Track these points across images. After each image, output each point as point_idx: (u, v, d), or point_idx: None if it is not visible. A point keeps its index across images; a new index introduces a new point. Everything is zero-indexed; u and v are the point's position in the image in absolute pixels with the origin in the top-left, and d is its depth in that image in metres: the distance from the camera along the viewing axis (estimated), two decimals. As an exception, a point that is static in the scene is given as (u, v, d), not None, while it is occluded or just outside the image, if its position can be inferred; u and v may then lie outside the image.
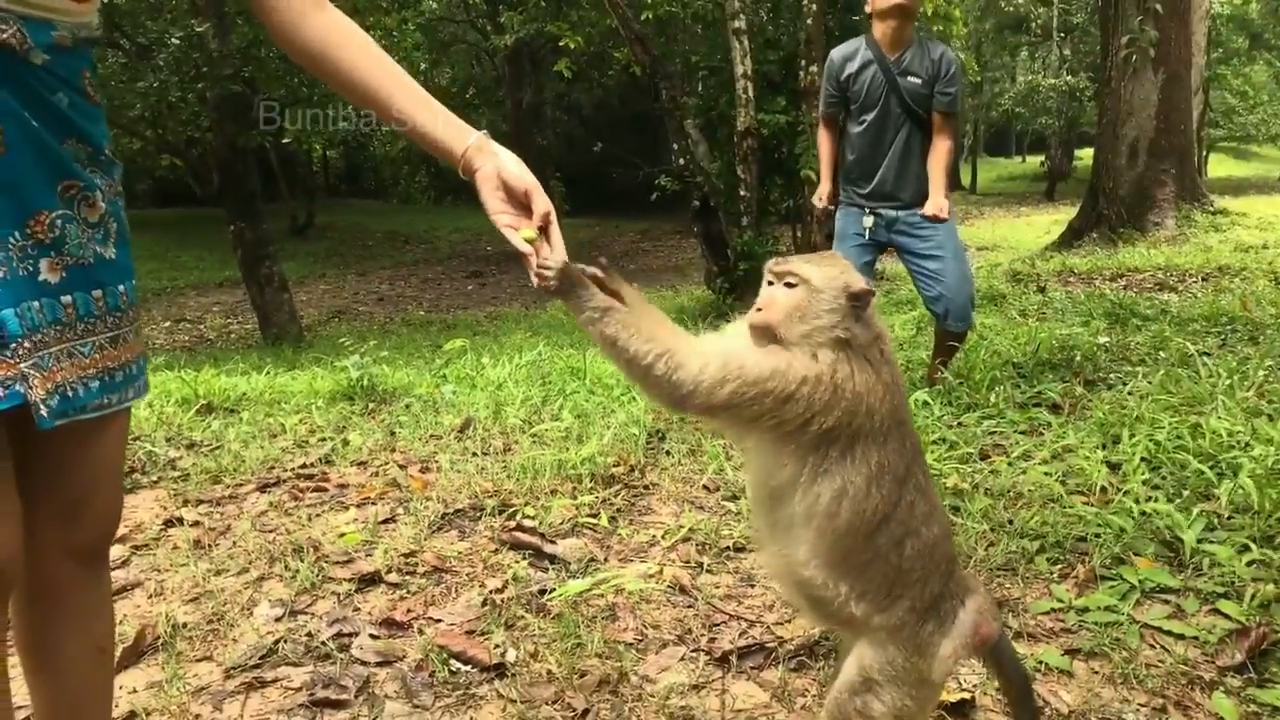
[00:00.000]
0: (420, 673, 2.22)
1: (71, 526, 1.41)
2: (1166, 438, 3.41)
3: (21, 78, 1.21)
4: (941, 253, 4.33)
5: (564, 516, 3.04)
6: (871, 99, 4.40)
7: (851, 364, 1.49)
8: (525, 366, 5.91)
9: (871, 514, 1.48)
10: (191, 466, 3.83)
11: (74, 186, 1.30)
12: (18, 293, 1.20)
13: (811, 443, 1.47)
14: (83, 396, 1.30)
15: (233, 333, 13.75)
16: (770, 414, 1.45)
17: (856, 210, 4.50)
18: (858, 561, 1.52)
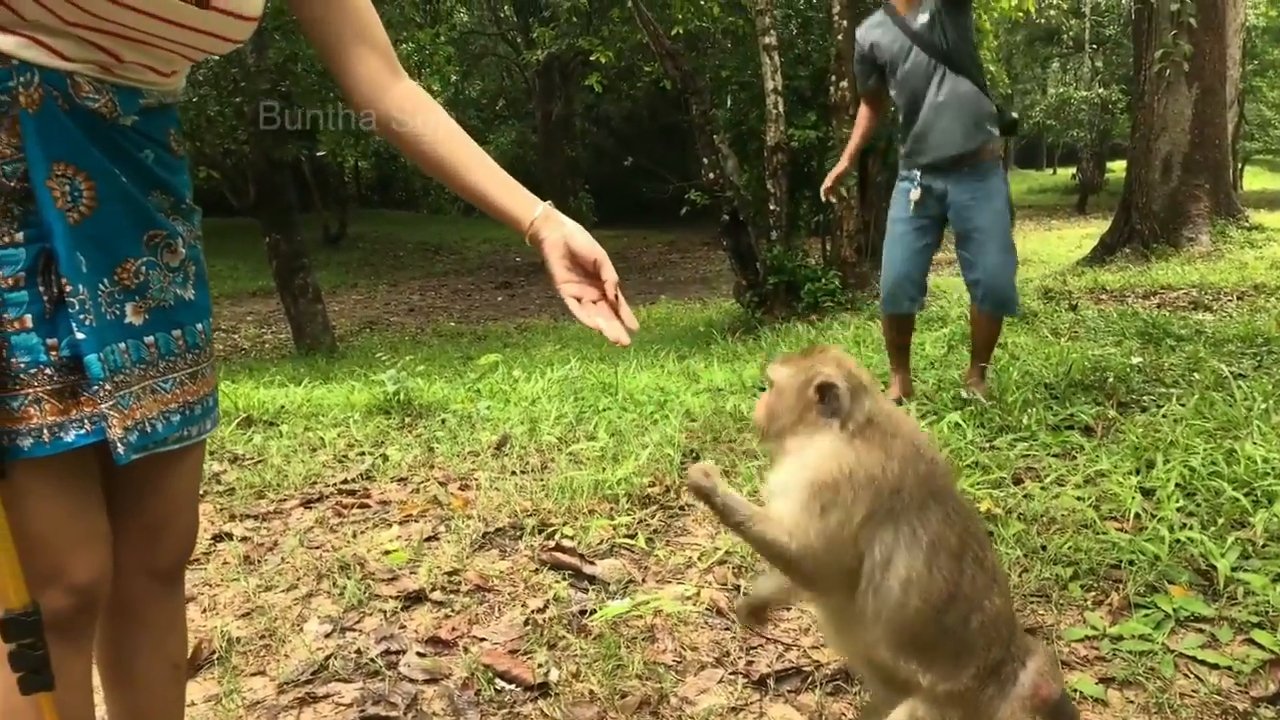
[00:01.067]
0: (466, 691, 2.29)
1: (151, 548, 1.50)
2: (1201, 464, 3.42)
3: (112, 138, 1.30)
4: (982, 234, 4.35)
5: (602, 537, 3.10)
6: (895, 57, 4.45)
7: (857, 444, 1.54)
8: (558, 382, 5.99)
9: (938, 596, 1.52)
10: (236, 480, 3.93)
11: (158, 235, 1.39)
12: (103, 337, 1.29)
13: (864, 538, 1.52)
14: (162, 431, 1.38)
15: (266, 342, 13.95)
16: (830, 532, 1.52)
17: (905, 185, 4.53)
18: (927, 641, 1.55)
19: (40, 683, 1.26)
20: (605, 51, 13.01)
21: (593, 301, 1.47)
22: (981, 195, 4.41)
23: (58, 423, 1.24)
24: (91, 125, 1.27)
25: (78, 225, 1.26)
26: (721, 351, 8.21)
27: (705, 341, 9.75)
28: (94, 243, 1.28)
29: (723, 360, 7.46)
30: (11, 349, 1.22)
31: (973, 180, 4.41)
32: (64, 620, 1.32)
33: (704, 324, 11.89)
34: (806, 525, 1.53)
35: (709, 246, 21.01)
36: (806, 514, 1.53)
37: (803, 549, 1.53)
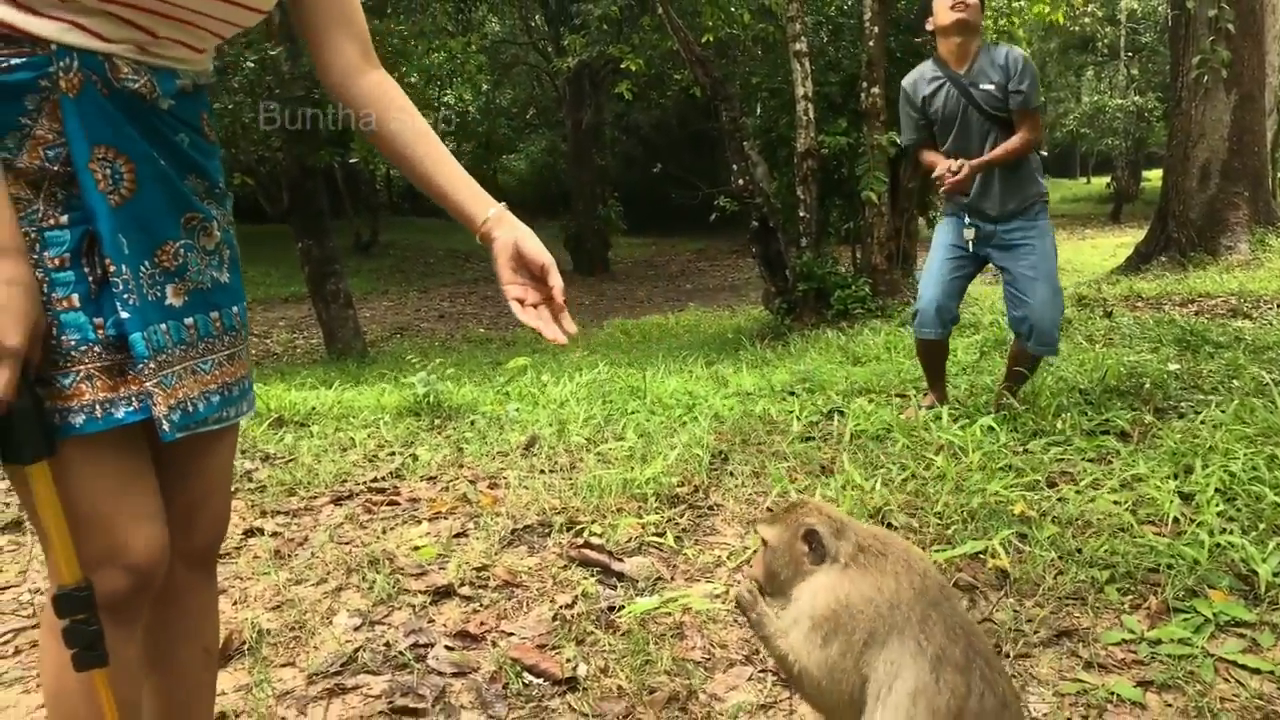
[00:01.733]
0: (494, 684, 2.28)
1: (188, 532, 1.51)
2: (1241, 469, 3.35)
3: (149, 121, 1.33)
4: (1033, 272, 4.32)
5: (630, 535, 3.09)
6: (950, 115, 4.42)
7: (850, 573, 1.63)
8: (586, 385, 5.99)
9: (942, 710, 1.51)
10: (267, 478, 3.96)
11: (195, 218, 1.41)
12: (146, 316, 1.31)
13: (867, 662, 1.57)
14: (203, 411, 1.40)
15: (298, 347, 14.08)
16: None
17: (957, 220, 4.50)
18: None
19: (94, 659, 1.27)
20: (636, 59, 13.05)
21: (534, 305, 1.51)
22: (1033, 235, 4.41)
23: (109, 399, 1.26)
24: (131, 108, 1.29)
25: (119, 207, 1.28)
26: (750, 358, 8.18)
27: (734, 348, 9.73)
28: (135, 224, 1.30)
29: (751, 366, 7.43)
30: (62, 327, 1.24)
31: (1022, 221, 4.41)
32: (120, 601, 1.33)
33: (732, 331, 11.88)
34: (809, 656, 1.61)
35: (738, 254, 20.98)
36: (809, 645, 1.61)
37: (808, 678, 1.61)
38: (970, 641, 1.58)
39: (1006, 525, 3.02)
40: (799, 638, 1.62)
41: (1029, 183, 4.44)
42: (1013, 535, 2.99)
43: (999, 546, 2.86)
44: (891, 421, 4.27)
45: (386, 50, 13.08)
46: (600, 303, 17.49)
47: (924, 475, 3.54)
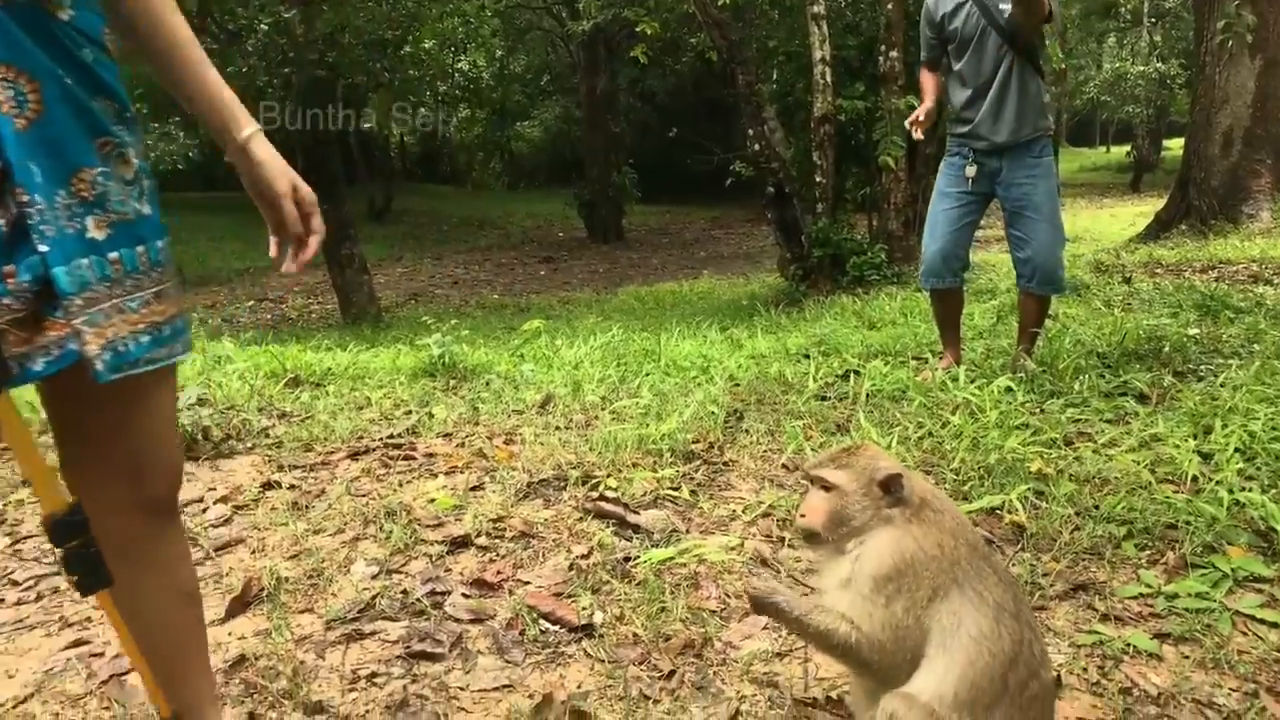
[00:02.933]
0: (511, 631, 2.30)
1: (138, 481, 1.46)
2: (1262, 429, 3.33)
3: (51, 33, 1.24)
4: (1036, 214, 4.31)
5: (645, 489, 3.09)
6: (968, 36, 4.37)
7: (914, 529, 1.62)
8: (601, 348, 5.99)
9: (1004, 654, 1.55)
10: (284, 435, 3.98)
11: (109, 143, 1.33)
12: (66, 250, 1.24)
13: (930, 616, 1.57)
14: (134, 351, 1.33)
15: (313, 312, 14.13)
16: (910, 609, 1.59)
17: (959, 160, 4.47)
18: (988, 701, 1.54)
19: (98, 581, 1.27)
20: (651, 22, 12.90)
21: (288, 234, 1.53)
22: (1037, 173, 4.38)
23: (24, 353, 1.20)
24: (31, 21, 1.22)
25: (26, 131, 1.20)
26: (765, 323, 8.15)
27: (749, 314, 9.69)
28: (46, 149, 1.23)
29: (766, 331, 7.41)
30: None
31: (1028, 158, 4.38)
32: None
33: (747, 298, 11.83)
34: (871, 619, 1.58)
35: (753, 222, 20.87)
36: (870, 605, 1.58)
37: (868, 640, 1.58)
38: (1017, 593, 1.62)
39: (1023, 482, 3.01)
40: (855, 601, 1.59)
41: (1039, 112, 4.40)
42: (1029, 492, 2.98)
43: (1016, 502, 2.85)
44: (907, 382, 4.25)
45: (400, 16, 13.01)
46: (614, 270, 17.45)
47: (940, 434, 3.53)
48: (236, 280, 17.64)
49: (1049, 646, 2.20)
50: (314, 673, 2.15)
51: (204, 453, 3.73)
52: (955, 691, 1.54)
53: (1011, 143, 4.35)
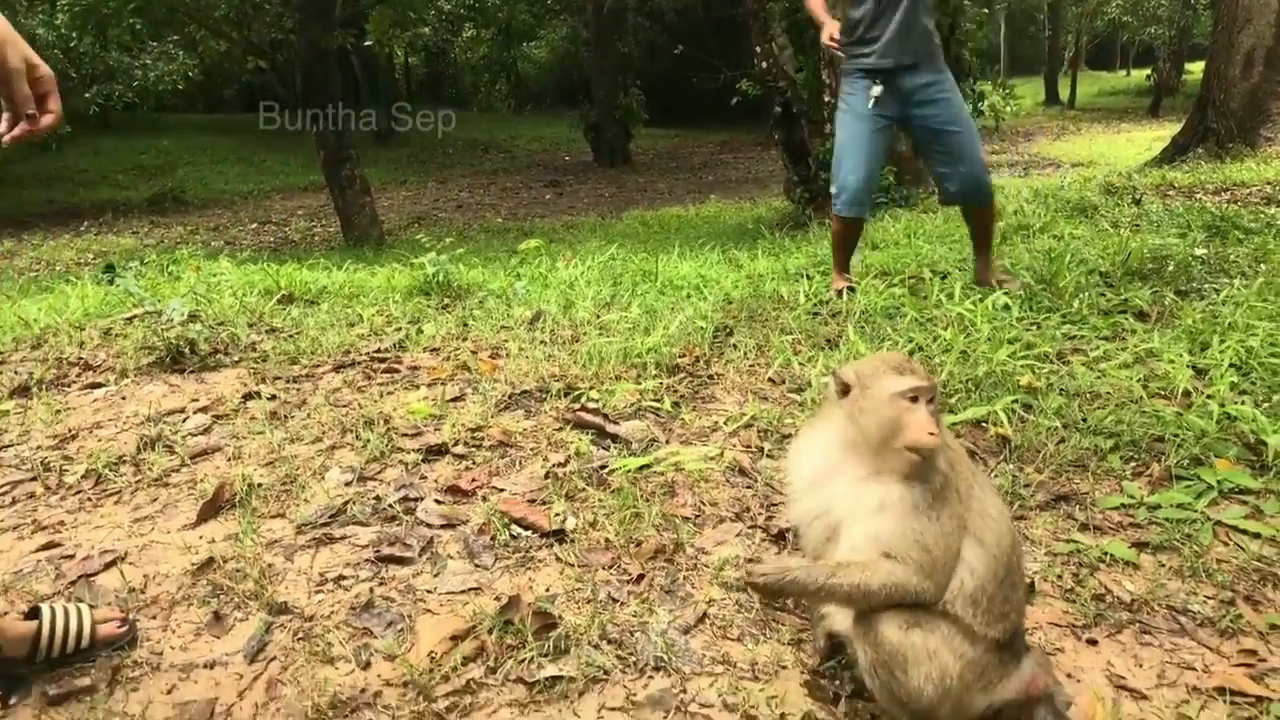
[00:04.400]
0: (482, 536, 2.28)
1: None
2: (1260, 344, 3.26)
3: None
4: (957, 126, 4.21)
5: (628, 401, 3.06)
6: None
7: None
8: (598, 267, 5.91)
9: (1010, 532, 1.58)
10: (271, 349, 3.94)
11: None
12: None
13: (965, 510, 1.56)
14: None
15: (316, 235, 14.03)
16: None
17: (863, 83, 4.30)
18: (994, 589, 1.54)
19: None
20: (658, -64, 12.52)
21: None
22: (946, 87, 4.26)
23: None
24: None
25: None
26: (767, 245, 8.04)
27: (752, 238, 9.56)
28: None
29: (767, 253, 7.30)
30: None
31: (935, 74, 4.25)
32: None
33: (752, 221, 11.68)
34: (921, 538, 1.50)
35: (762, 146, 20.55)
36: (923, 523, 1.51)
37: (918, 566, 1.50)
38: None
39: (1011, 394, 2.96)
40: (899, 527, 1.51)
41: (933, 28, 4.31)
42: (1017, 405, 2.93)
43: (1002, 414, 2.81)
44: (902, 299, 4.17)
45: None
46: (620, 194, 17.23)
47: (931, 348, 3.47)
48: (240, 204, 17.52)
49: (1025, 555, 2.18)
50: (281, 575, 2.14)
51: (190, 366, 3.70)
52: (981, 576, 1.54)
53: (917, 61, 4.20)
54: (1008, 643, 1.57)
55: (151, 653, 1.89)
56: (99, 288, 5.52)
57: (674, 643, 1.88)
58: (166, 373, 3.67)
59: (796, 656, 1.86)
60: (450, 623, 1.93)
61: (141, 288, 5.18)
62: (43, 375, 3.61)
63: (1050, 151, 18.24)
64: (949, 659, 1.52)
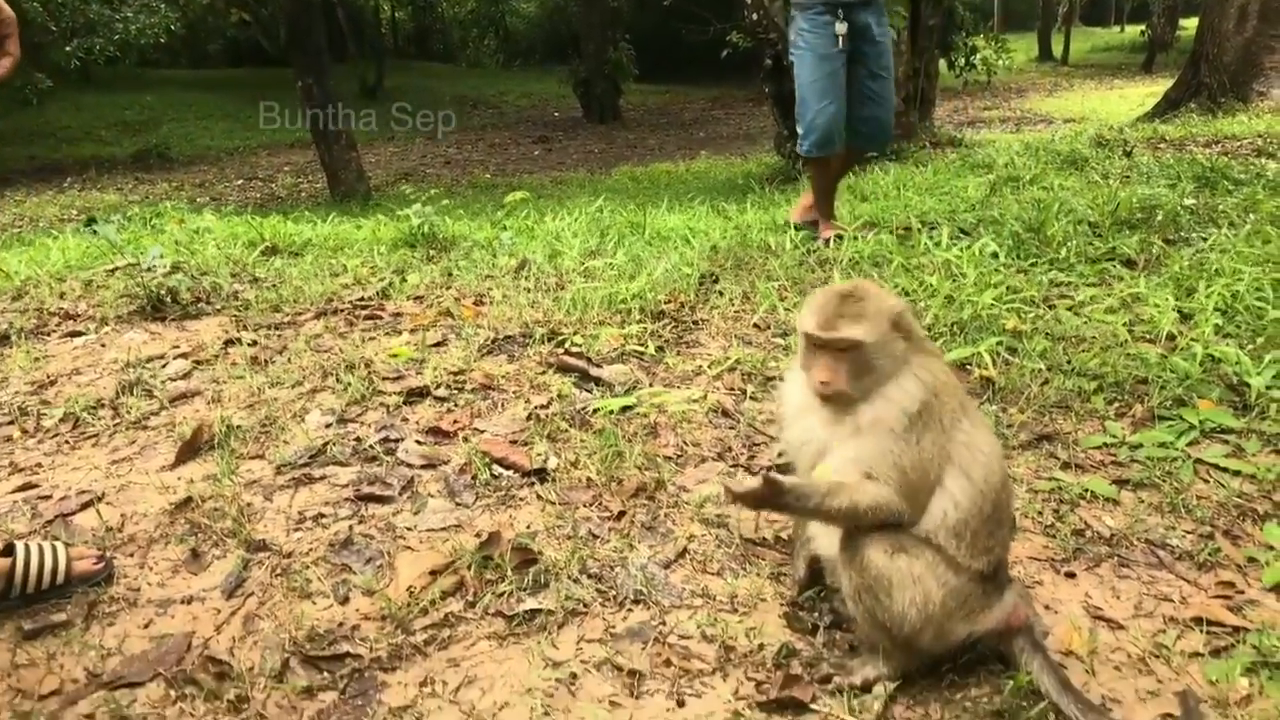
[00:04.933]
0: (463, 475, 2.27)
1: None
2: (1246, 288, 3.25)
3: None
4: (885, 71, 4.32)
5: (611, 346, 3.04)
6: None
7: (926, 361, 1.57)
8: (585, 219, 5.86)
9: (1000, 470, 1.57)
10: (254, 298, 3.91)
11: None
12: None
13: (950, 438, 1.54)
14: None
15: (302, 190, 13.88)
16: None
17: (827, 19, 4.25)
18: (982, 520, 1.54)
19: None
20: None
21: None
22: (885, 29, 4.33)
23: None
24: None
25: None
26: (757, 199, 7.98)
27: (742, 192, 9.49)
28: None
29: (757, 206, 7.25)
30: None
31: (880, 14, 4.31)
32: None
33: (743, 176, 11.59)
34: (899, 460, 1.50)
35: (754, 102, 20.32)
36: (901, 447, 1.51)
37: (898, 487, 1.51)
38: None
39: (996, 337, 2.95)
40: (878, 451, 1.51)
41: None
42: (1002, 347, 2.92)
43: (986, 355, 2.80)
44: (890, 246, 4.15)
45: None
46: (610, 150, 17.06)
47: (917, 293, 3.45)
48: (226, 160, 17.30)
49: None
50: (260, 514, 2.13)
51: (171, 314, 3.67)
52: (965, 510, 1.53)
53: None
54: (991, 574, 1.57)
55: (128, 589, 1.88)
56: (81, 240, 5.46)
57: (654, 577, 1.88)
58: (147, 321, 3.64)
59: (775, 590, 1.86)
60: (429, 558, 1.93)
61: (124, 240, 5.12)
62: (23, 325, 3.57)
63: (1042, 107, 18.10)
64: (933, 585, 1.52)
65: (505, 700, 1.59)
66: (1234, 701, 1.57)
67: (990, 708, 1.56)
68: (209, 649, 1.70)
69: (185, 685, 1.61)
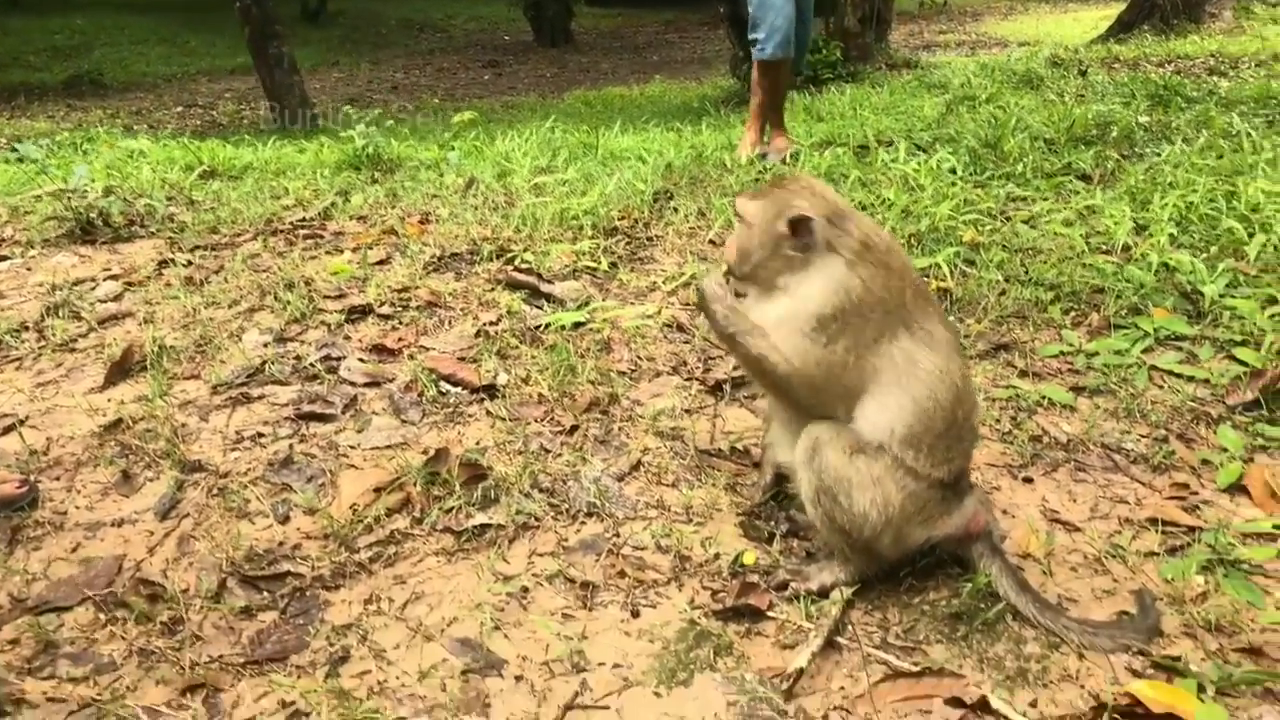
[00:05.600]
0: (409, 393, 2.19)
1: None
2: (1200, 198, 3.24)
3: None
4: None
5: (563, 262, 2.95)
6: None
7: (860, 270, 1.51)
8: (536, 140, 5.70)
9: (955, 387, 1.51)
10: (190, 220, 3.75)
11: None
12: None
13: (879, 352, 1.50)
14: None
15: (245, 118, 13.40)
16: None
17: None
18: (936, 432, 1.51)
19: None
20: None
21: None
22: None
23: None
24: None
25: None
26: (713, 121, 7.84)
27: (698, 115, 9.32)
28: None
29: (713, 127, 7.12)
30: None
31: None
32: None
33: (698, 99, 11.38)
34: (807, 354, 1.50)
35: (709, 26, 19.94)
36: (808, 343, 1.50)
37: (799, 376, 1.51)
38: (956, 331, 1.58)
39: (953, 248, 2.91)
40: (791, 335, 1.51)
41: None
42: (959, 259, 2.88)
43: (944, 265, 2.76)
44: (846, 160, 4.07)
45: None
46: (562, 75, 16.66)
47: (874, 206, 3.39)
48: (164, 86, 16.64)
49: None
50: (195, 434, 2.04)
51: (102, 237, 3.50)
52: (910, 425, 1.50)
53: None
54: (951, 482, 1.54)
55: (55, 513, 1.79)
56: (6, 166, 5.20)
57: (607, 490, 1.83)
58: (77, 244, 3.47)
59: (731, 500, 1.82)
60: (374, 475, 1.86)
61: (53, 164, 4.88)
62: (-59, 250, 3.38)
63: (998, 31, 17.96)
64: (892, 488, 1.49)
65: (454, 615, 1.54)
66: (1189, 599, 1.56)
67: (948, 610, 1.55)
68: (141, 571, 1.63)
69: (115, 608, 1.54)
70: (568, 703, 1.38)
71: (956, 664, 1.45)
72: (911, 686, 1.40)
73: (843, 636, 1.50)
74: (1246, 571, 1.63)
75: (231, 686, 1.40)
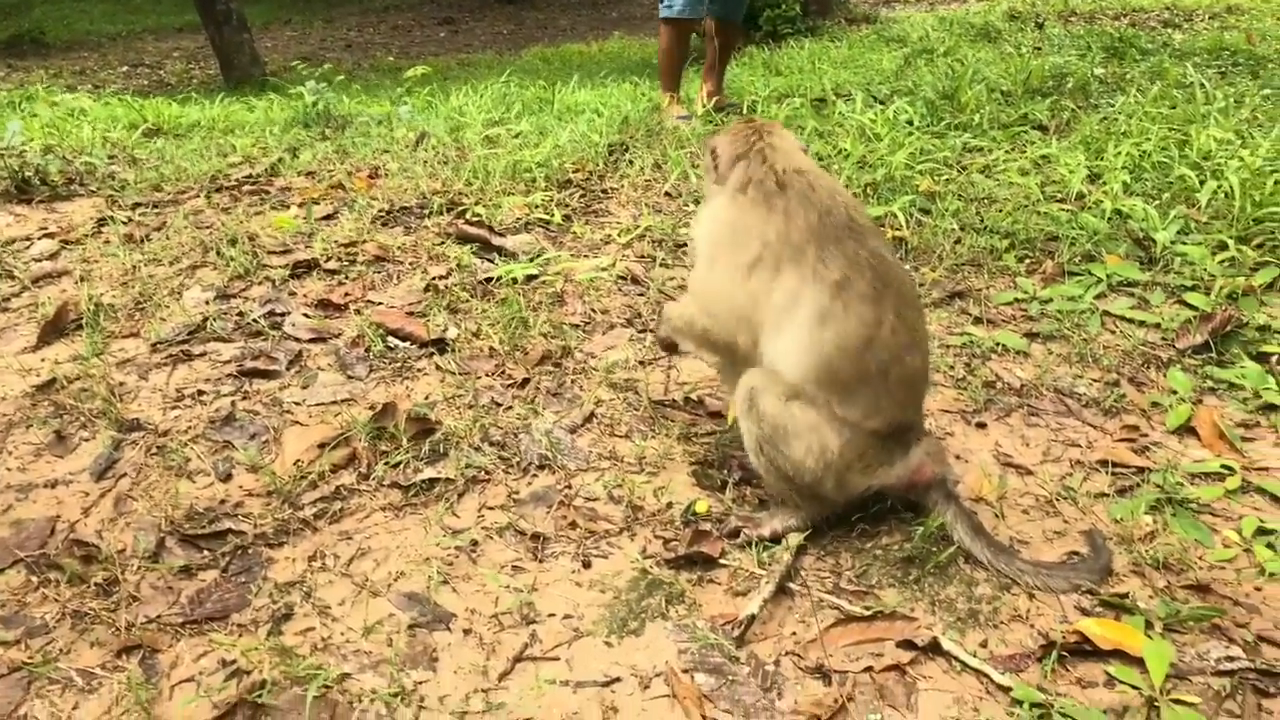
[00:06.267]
0: (355, 348, 2.14)
1: None
2: (1153, 147, 3.24)
3: None
4: None
5: (515, 215, 2.89)
6: None
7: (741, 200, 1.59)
8: (490, 95, 5.60)
9: (852, 334, 1.47)
10: (133, 178, 3.63)
11: None
12: None
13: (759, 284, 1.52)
14: None
15: (194, 78, 13.05)
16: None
17: None
18: (846, 379, 1.49)
19: None
20: None
21: None
22: None
23: None
24: None
25: None
26: (671, 77, 7.75)
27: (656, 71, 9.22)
28: None
29: (671, 83, 7.03)
30: None
31: None
32: None
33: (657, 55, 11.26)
34: (702, 281, 1.61)
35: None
36: (702, 270, 1.61)
37: (701, 308, 1.60)
38: (880, 275, 1.49)
39: (909, 196, 2.89)
40: (697, 264, 1.64)
41: None
42: (915, 208, 2.87)
43: (900, 214, 2.74)
44: (805, 112, 4.03)
45: None
46: (519, 32, 16.40)
47: (831, 156, 3.36)
48: (108, 45, 16.14)
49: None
50: (134, 393, 1.98)
51: (39, 196, 3.38)
52: (807, 366, 1.47)
53: None
54: (889, 434, 1.52)
55: (-15, 475, 1.73)
56: (-62, 124, 5.01)
57: (559, 442, 1.81)
58: (12, 203, 3.35)
59: (685, 450, 1.80)
60: (319, 431, 1.82)
61: (-14, 122, 4.70)
62: None
63: (957, -14, 17.93)
64: (829, 435, 1.48)
65: (401, 570, 1.51)
66: (1138, 538, 1.57)
67: (900, 554, 1.54)
68: (75, 533, 1.58)
69: (48, 570, 1.49)
70: (517, 654, 1.36)
71: (908, 607, 1.45)
72: (863, 630, 1.40)
73: (795, 582, 1.49)
74: (1195, 511, 1.64)
75: (169, 647, 1.36)
